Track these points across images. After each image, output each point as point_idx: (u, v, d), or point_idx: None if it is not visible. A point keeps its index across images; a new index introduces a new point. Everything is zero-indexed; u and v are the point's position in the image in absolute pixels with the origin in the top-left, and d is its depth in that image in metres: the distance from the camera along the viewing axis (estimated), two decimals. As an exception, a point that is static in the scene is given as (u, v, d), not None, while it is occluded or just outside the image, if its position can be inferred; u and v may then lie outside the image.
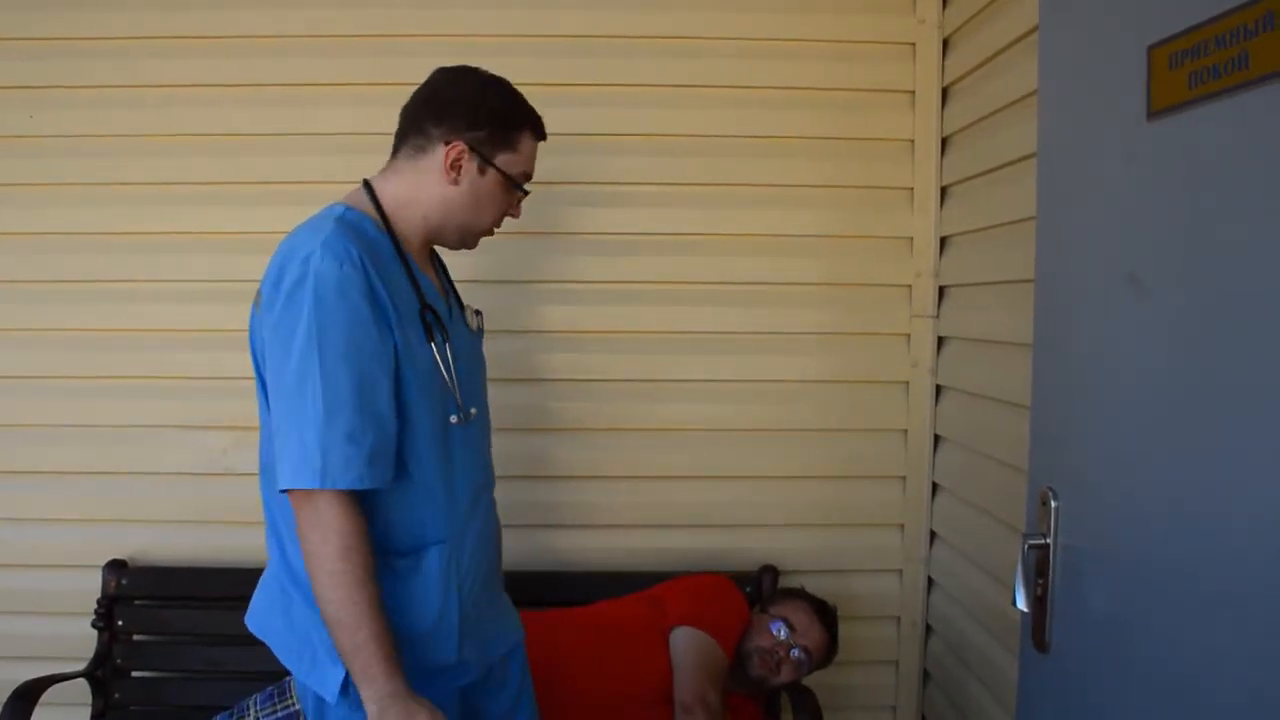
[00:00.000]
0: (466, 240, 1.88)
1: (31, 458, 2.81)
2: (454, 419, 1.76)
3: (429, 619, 1.75)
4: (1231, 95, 1.16)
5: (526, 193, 1.89)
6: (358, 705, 1.65)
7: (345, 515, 1.60)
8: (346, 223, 1.70)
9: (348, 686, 1.67)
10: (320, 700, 1.73)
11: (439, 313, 1.78)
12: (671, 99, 2.78)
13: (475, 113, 1.78)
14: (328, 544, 1.59)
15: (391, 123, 1.85)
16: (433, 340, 1.73)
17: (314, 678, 1.72)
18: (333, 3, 2.72)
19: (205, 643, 2.77)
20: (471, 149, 1.78)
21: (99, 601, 2.72)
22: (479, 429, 1.88)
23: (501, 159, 1.80)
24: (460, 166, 1.78)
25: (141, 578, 2.78)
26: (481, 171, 1.79)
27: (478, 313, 2.00)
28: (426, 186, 1.79)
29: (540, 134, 1.88)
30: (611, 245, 2.81)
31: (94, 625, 2.71)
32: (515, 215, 1.90)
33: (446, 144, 1.77)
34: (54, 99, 2.74)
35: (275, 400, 1.65)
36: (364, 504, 1.65)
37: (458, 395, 1.77)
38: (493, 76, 1.85)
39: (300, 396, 1.59)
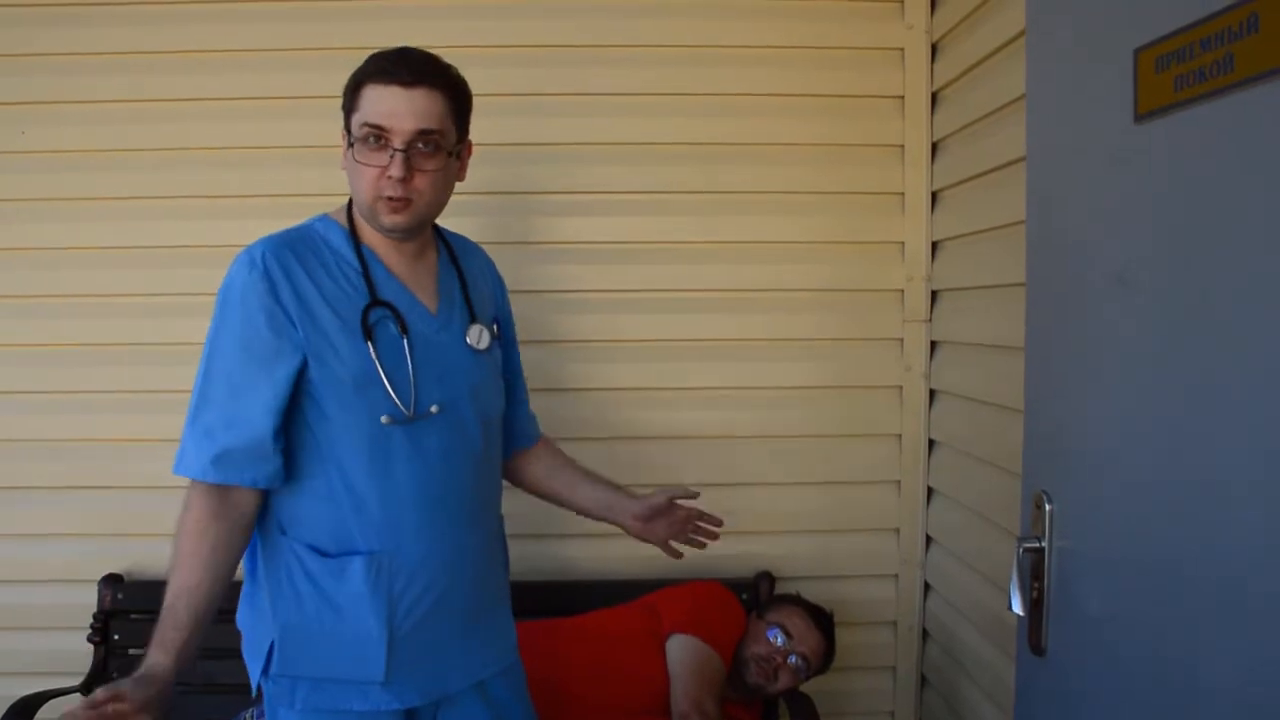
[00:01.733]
0: (374, 218, 1.74)
1: (26, 473, 2.81)
2: (385, 419, 1.73)
3: (353, 630, 1.74)
4: (1217, 98, 1.17)
5: (385, 143, 1.69)
6: (277, 698, 1.77)
7: (196, 502, 1.67)
8: (291, 231, 1.77)
9: (267, 674, 1.77)
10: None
11: (399, 308, 1.77)
12: (660, 106, 2.79)
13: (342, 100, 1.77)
14: (178, 525, 1.69)
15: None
16: (370, 338, 1.73)
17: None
18: (314, 16, 2.73)
19: (201, 656, 2.70)
20: (343, 130, 1.76)
21: (95, 616, 2.72)
22: (447, 438, 1.80)
23: (352, 122, 1.72)
24: (344, 151, 1.76)
25: (137, 592, 2.77)
26: (349, 144, 1.74)
27: (491, 329, 1.93)
28: None
29: (383, 77, 1.69)
30: (600, 254, 2.82)
31: (90, 640, 2.70)
32: (392, 173, 1.68)
33: None
34: (46, 114, 2.75)
35: None
36: (287, 499, 1.75)
37: (404, 395, 1.74)
38: None
39: (194, 389, 1.70)
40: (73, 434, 2.80)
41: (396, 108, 1.67)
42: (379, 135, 1.68)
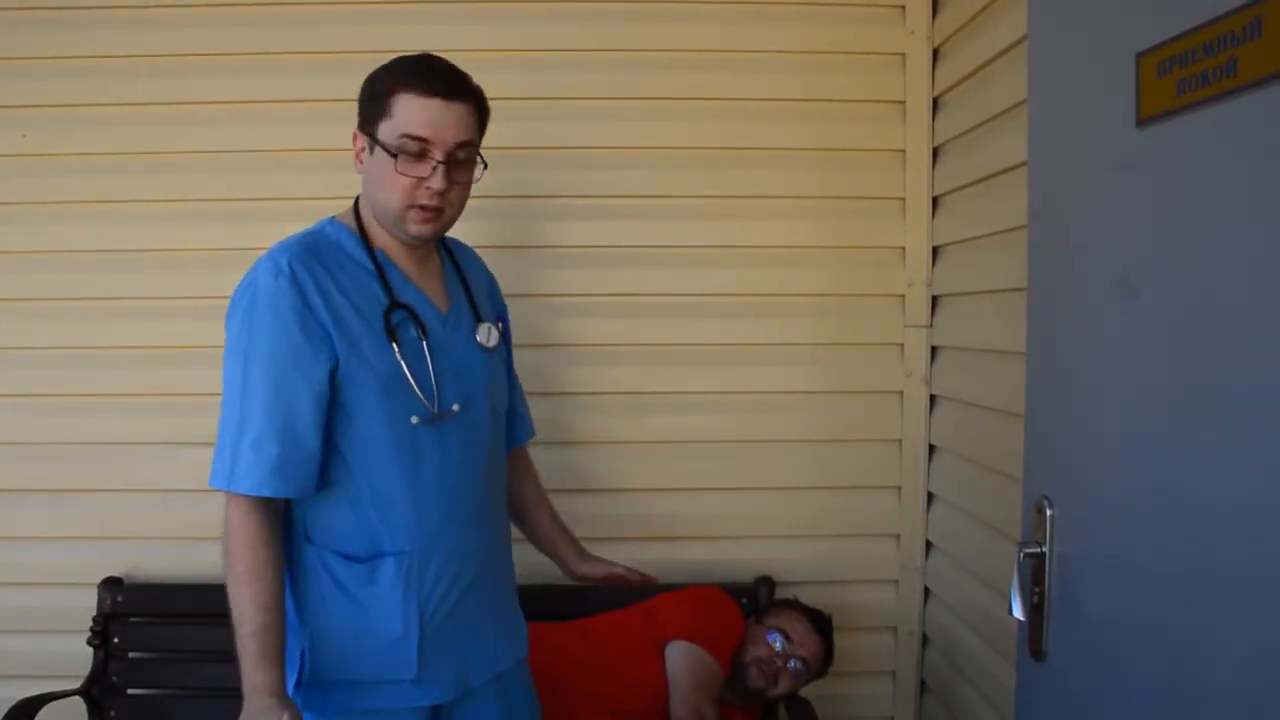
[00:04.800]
0: (401, 225, 1.75)
1: (26, 476, 2.80)
2: (415, 420, 1.76)
3: (387, 631, 1.76)
4: (1220, 102, 1.16)
5: (425, 155, 1.71)
6: (308, 705, 1.75)
7: (243, 516, 1.68)
8: (308, 236, 1.77)
9: (299, 685, 1.75)
10: None
11: (417, 311, 1.79)
12: (662, 111, 2.79)
13: (361, 96, 1.78)
14: (224, 543, 1.70)
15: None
16: (395, 340, 1.74)
17: None
18: (311, 20, 2.73)
19: (201, 659, 2.75)
20: (361, 131, 1.76)
21: (94, 619, 2.71)
22: (465, 435, 1.85)
23: (382, 129, 1.71)
24: (361, 153, 1.77)
25: (137, 595, 2.76)
26: (371, 149, 1.74)
27: (498, 327, 1.96)
28: (362, 185, 1.82)
29: (423, 88, 1.70)
30: (602, 258, 2.82)
31: (89, 643, 2.69)
32: (433, 185, 1.70)
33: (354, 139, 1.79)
34: (47, 118, 2.75)
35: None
36: (314, 508, 1.75)
37: (429, 396, 1.77)
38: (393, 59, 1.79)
39: (228, 401, 1.70)
40: (72, 437, 2.80)
41: (438, 120, 1.70)
42: (422, 148, 1.70)
